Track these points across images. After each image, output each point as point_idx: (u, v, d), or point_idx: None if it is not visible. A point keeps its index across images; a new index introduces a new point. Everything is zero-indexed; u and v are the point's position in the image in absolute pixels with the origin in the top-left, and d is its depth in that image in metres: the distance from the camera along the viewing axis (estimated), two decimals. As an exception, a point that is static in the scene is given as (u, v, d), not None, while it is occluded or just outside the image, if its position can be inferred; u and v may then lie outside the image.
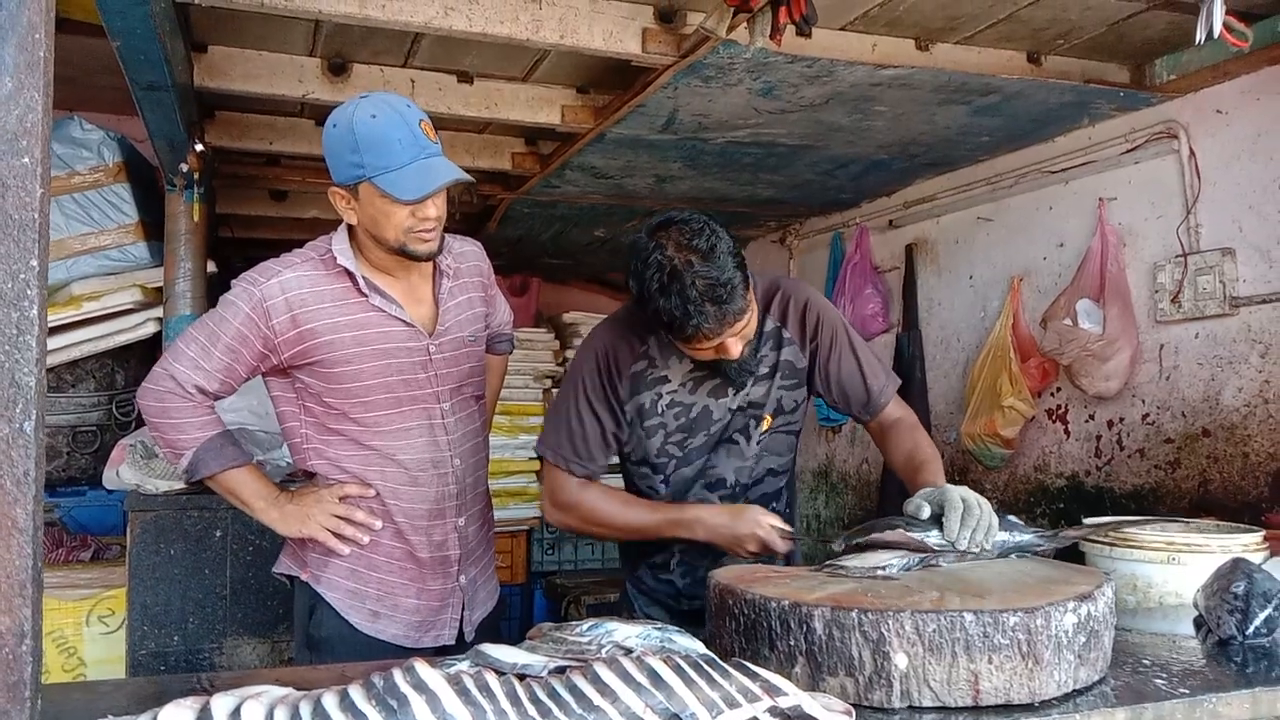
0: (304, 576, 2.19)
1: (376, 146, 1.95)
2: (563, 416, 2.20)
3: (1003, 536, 1.78)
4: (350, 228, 2.14)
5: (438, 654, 1.63)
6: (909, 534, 1.75)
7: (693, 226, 1.90)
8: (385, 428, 2.14)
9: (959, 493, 1.78)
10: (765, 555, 2.08)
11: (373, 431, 2.14)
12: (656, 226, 1.94)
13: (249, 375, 2.12)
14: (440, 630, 2.23)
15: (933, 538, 1.74)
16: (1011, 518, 1.83)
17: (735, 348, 1.98)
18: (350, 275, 2.10)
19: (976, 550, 1.72)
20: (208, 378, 2.06)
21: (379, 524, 2.15)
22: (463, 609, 2.26)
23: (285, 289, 2.06)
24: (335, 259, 2.11)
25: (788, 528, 2.06)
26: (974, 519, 1.73)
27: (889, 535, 1.77)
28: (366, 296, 2.11)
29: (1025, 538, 1.81)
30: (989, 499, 1.83)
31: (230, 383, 2.10)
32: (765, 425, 2.20)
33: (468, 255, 2.34)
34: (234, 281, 2.11)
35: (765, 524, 2.04)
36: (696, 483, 2.22)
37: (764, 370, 2.19)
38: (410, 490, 2.17)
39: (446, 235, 2.19)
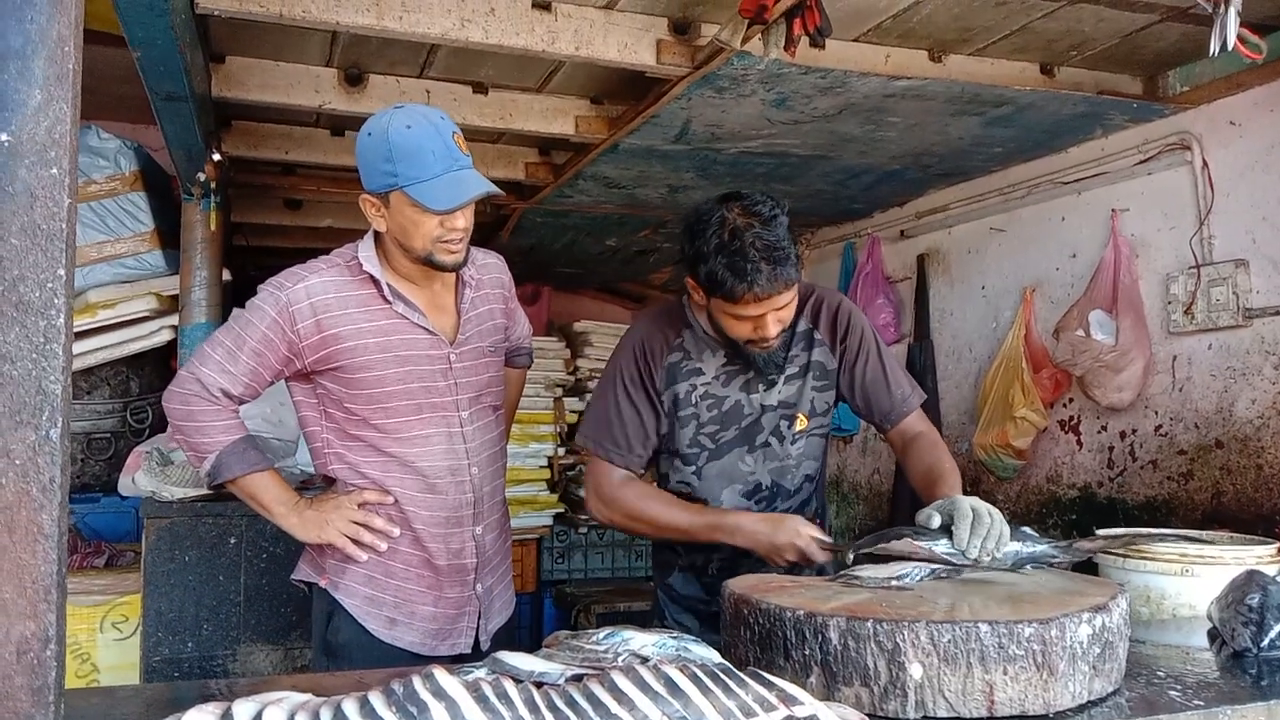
0: (322, 583, 2.21)
1: (410, 157, 1.98)
2: (602, 408, 2.25)
3: (1014, 547, 1.78)
4: (377, 236, 2.17)
5: (454, 662, 1.64)
6: (917, 543, 1.75)
7: (756, 198, 2.01)
8: (404, 434, 2.15)
9: (969, 502, 1.79)
10: (804, 565, 2.07)
11: (392, 438, 2.15)
12: (722, 196, 2.03)
13: (273, 379, 2.14)
14: (457, 639, 2.23)
15: (942, 547, 1.74)
16: (1025, 529, 1.83)
17: (773, 327, 2.03)
18: (375, 282, 2.13)
19: (987, 559, 1.73)
20: (233, 381, 2.08)
21: (397, 531, 2.16)
22: (479, 618, 2.26)
23: (311, 294, 2.09)
24: (361, 265, 2.13)
25: (827, 539, 2.04)
26: (984, 528, 1.74)
27: (898, 545, 1.77)
28: (390, 304, 2.13)
29: (1039, 549, 1.81)
30: (1001, 509, 1.83)
31: (255, 386, 2.12)
32: (800, 425, 2.23)
33: (490, 267, 2.37)
34: (260, 286, 2.13)
35: (805, 534, 2.02)
36: (731, 486, 2.23)
37: (795, 370, 2.23)
38: (428, 498, 2.18)
39: (474, 249, 2.23)
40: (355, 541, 2.14)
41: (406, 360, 2.13)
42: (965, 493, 1.93)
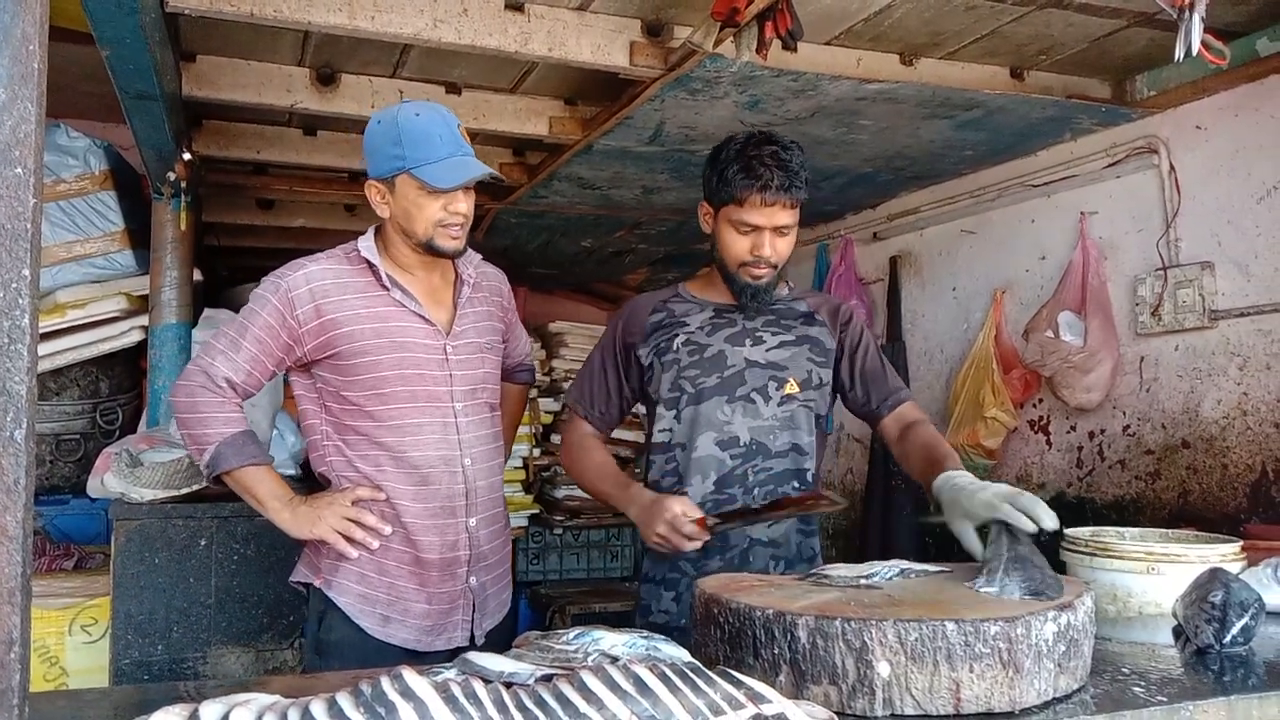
0: (317, 582, 2.22)
1: (419, 140, 2.08)
2: (585, 368, 2.44)
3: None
4: (378, 230, 2.24)
5: (450, 656, 1.63)
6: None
7: (787, 139, 2.21)
8: (398, 422, 2.17)
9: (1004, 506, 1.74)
10: (672, 550, 2.10)
11: (386, 427, 2.17)
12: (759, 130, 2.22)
13: (275, 369, 2.19)
14: (452, 633, 2.24)
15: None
16: None
17: (767, 246, 2.17)
18: (373, 270, 2.19)
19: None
20: (235, 368, 2.12)
21: (389, 529, 2.17)
22: (474, 611, 2.27)
23: (310, 280, 2.15)
24: (360, 253, 2.20)
25: (698, 530, 2.04)
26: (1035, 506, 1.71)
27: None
28: (388, 290, 2.19)
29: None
30: None
31: (257, 375, 2.16)
32: (790, 389, 2.27)
33: (490, 275, 2.45)
34: (264, 278, 2.20)
35: (676, 513, 2.04)
36: (707, 433, 2.24)
37: (791, 337, 2.30)
38: (419, 490, 2.19)
39: (474, 253, 2.35)
40: (347, 539, 2.15)
41: (403, 346, 2.17)
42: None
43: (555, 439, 5.30)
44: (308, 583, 2.26)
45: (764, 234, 2.16)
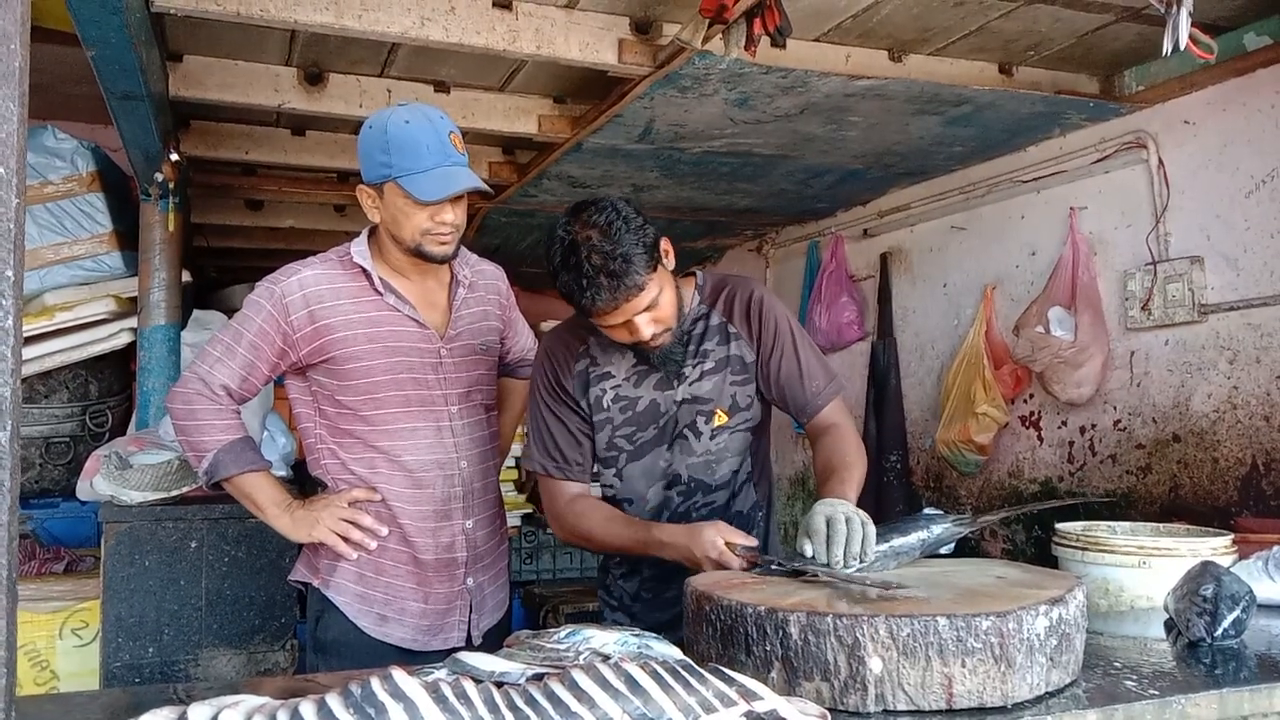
0: (315, 582, 2.24)
1: (405, 149, 2.06)
2: (531, 427, 2.25)
3: (883, 546, 1.76)
4: (372, 232, 2.24)
5: (447, 656, 1.62)
6: (808, 566, 1.72)
7: (599, 206, 1.95)
8: (392, 426, 2.18)
9: (824, 514, 1.76)
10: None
11: (380, 431, 2.18)
12: (572, 208, 1.99)
13: (270, 374, 2.19)
14: (449, 633, 2.25)
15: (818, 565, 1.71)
16: (929, 510, 1.83)
17: (645, 328, 1.97)
18: (366, 274, 2.19)
19: (855, 565, 1.69)
20: (231, 374, 2.14)
21: (385, 530, 2.19)
22: (470, 612, 2.28)
23: (304, 285, 2.15)
24: (353, 259, 2.19)
25: (751, 542, 1.96)
26: (840, 537, 1.71)
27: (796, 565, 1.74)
28: (381, 295, 2.19)
29: (938, 529, 1.82)
30: (964, 504, 1.83)
31: (253, 381, 2.17)
32: (719, 420, 2.16)
33: (486, 273, 2.44)
34: (257, 284, 2.20)
35: (719, 543, 1.95)
36: (656, 482, 2.19)
37: (711, 365, 2.16)
38: (415, 493, 2.20)
39: (470, 253, 2.34)
40: (345, 539, 2.16)
41: (396, 351, 2.18)
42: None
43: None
44: (306, 582, 2.28)
45: (632, 322, 1.97)
